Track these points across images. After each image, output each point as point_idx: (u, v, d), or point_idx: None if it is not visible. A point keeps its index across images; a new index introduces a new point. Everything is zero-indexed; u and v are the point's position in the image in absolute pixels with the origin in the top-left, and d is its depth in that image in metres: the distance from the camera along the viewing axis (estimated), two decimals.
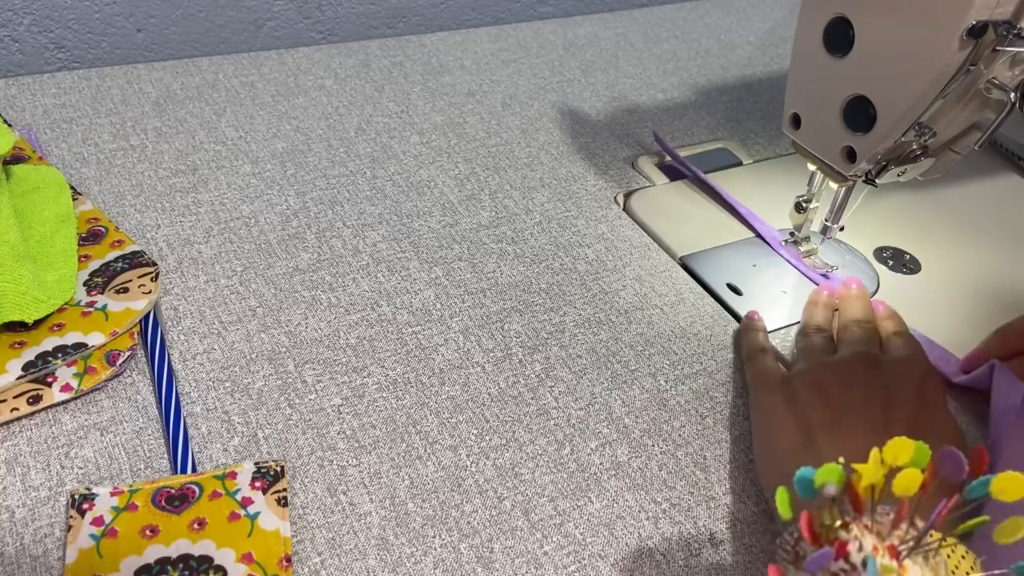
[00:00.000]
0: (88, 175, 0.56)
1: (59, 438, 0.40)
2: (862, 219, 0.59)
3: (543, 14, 0.87)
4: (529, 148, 0.64)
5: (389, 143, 0.63)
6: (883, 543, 0.29)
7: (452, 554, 0.38)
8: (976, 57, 0.41)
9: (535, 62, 0.75)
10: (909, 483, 0.28)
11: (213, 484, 0.38)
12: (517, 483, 0.41)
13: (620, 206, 0.60)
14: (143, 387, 0.43)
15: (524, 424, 0.44)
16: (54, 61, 0.69)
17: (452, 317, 0.49)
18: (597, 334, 0.49)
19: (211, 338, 0.46)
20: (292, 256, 0.52)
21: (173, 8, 0.70)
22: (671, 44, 0.81)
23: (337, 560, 0.37)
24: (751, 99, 0.74)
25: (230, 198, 0.56)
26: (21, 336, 0.42)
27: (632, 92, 0.72)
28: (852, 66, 0.45)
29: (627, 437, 0.44)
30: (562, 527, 0.39)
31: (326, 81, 0.68)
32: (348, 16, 0.78)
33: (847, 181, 0.49)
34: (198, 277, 0.50)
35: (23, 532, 0.36)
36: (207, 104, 0.64)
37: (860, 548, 0.29)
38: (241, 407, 0.43)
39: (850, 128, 0.46)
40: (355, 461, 0.41)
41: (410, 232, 0.55)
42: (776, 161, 0.66)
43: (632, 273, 0.54)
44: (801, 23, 0.47)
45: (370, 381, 0.45)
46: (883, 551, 0.29)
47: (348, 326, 0.48)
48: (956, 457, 0.28)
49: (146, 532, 0.36)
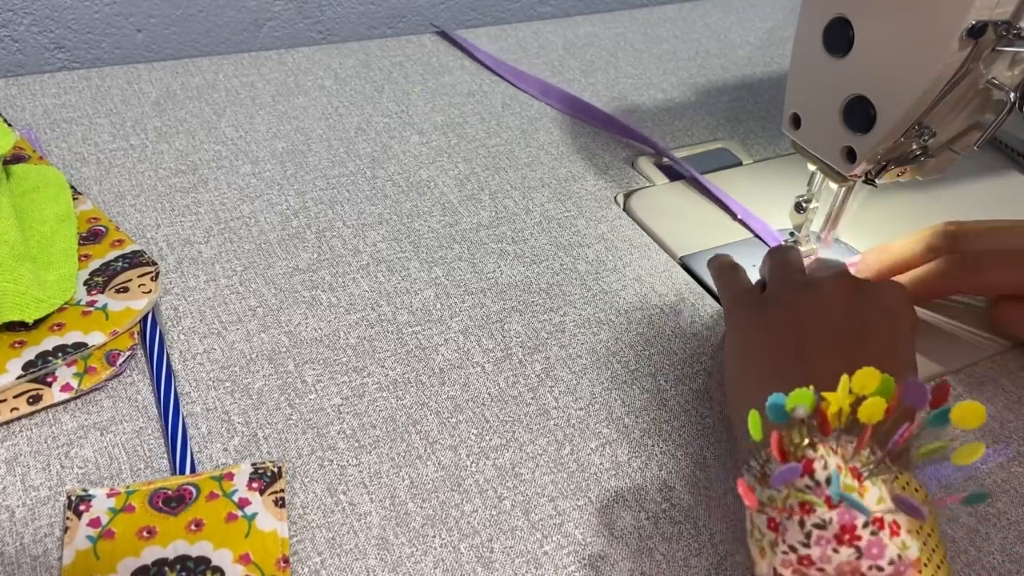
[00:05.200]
0: (88, 175, 0.56)
1: (59, 438, 0.40)
2: (862, 219, 0.59)
3: (543, 14, 0.87)
4: (529, 148, 0.64)
5: (389, 143, 0.63)
6: (846, 465, 0.31)
7: (452, 554, 0.38)
8: (976, 57, 0.40)
9: (535, 62, 0.75)
10: (873, 411, 0.30)
11: (210, 485, 0.38)
12: (517, 483, 0.41)
13: (620, 206, 0.60)
14: (143, 387, 0.43)
15: (524, 424, 0.44)
16: (54, 61, 0.69)
17: (452, 317, 0.49)
18: (597, 334, 0.49)
19: (211, 338, 0.46)
20: (292, 256, 0.52)
21: (173, 8, 0.70)
22: (671, 44, 0.81)
23: (337, 560, 0.37)
24: (751, 99, 0.73)
25: (230, 198, 0.56)
26: (21, 336, 0.42)
27: (632, 92, 0.72)
28: (852, 66, 0.45)
29: (627, 437, 0.44)
30: (562, 527, 0.39)
31: (326, 81, 0.68)
32: (348, 16, 0.78)
33: (847, 181, 0.49)
34: (198, 277, 0.50)
35: (23, 532, 0.36)
36: (207, 104, 0.64)
37: (825, 466, 0.31)
38: (241, 407, 0.43)
39: (850, 128, 0.46)
40: (355, 461, 0.41)
41: (410, 232, 0.55)
42: (776, 161, 0.66)
43: (632, 273, 0.54)
44: (801, 23, 0.47)
45: (370, 381, 0.45)
46: (846, 471, 0.31)
47: (348, 326, 0.48)
48: (920, 388, 0.29)
49: (143, 533, 0.36)
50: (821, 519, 0.30)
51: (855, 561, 0.30)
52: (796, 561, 0.31)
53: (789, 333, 0.40)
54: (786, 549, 0.31)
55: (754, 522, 0.33)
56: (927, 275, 0.48)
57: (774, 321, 0.41)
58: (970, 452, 0.29)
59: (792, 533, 0.31)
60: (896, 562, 0.30)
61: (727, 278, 0.47)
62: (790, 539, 0.31)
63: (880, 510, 0.30)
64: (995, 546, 0.41)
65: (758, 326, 0.41)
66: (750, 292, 0.45)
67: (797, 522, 0.31)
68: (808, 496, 0.30)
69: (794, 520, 0.31)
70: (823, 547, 0.30)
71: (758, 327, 0.41)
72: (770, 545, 0.32)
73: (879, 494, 0.31)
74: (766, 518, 0.32)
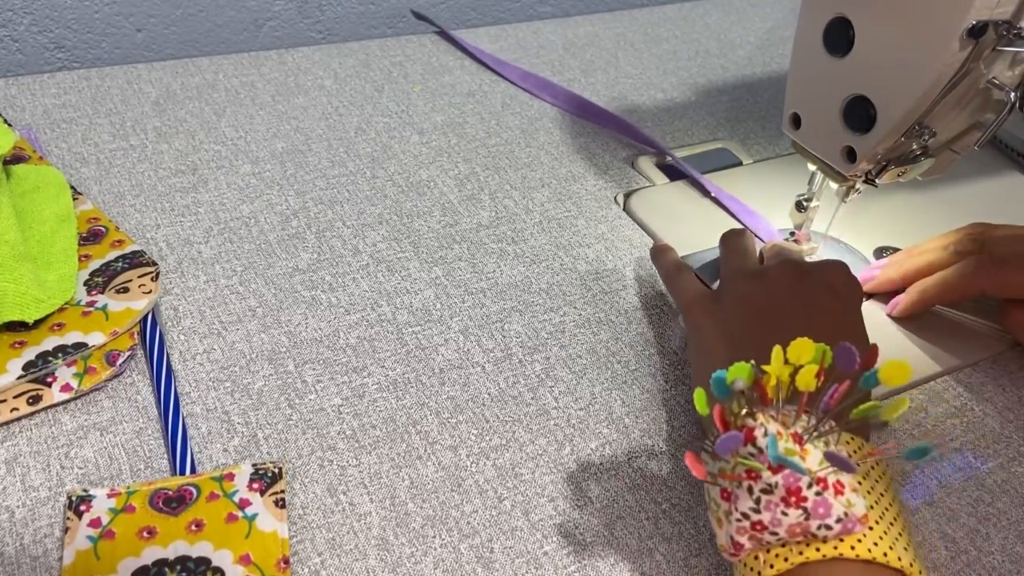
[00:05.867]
0: (88, 175, 0.55)
1: (59, 438, 0.40)
2: (862, 219, 0.59)
3: (543, 14, 0.87)
4: (529, 148, 0.64)
5: (389, 143, 0.63)
6: (787, 431, 0.32)
7: (452, 554, 0.38)
8: (976, 57, 0.40)
9: (535, 62, 0.75)
10: (808, 378, 0.32)
11: (211, 486, 0.38)
12: (517, 483, 0.41)
13: (620, 206, 0.60)
14: (143, 387, 0.43)
15: (524, 424, 0.44)
16: (54, 61, 0.69)
17: (452, 317, 0.49)
18: (597, 334, 0.49)
19: (211, 338, 0.46)
20: (292, 256, 0.52)
21: (173, 8, 0.70)
22: (671, 44, 0.81)
23: (337, 560, 0.37)
24: (751, 99, 0.73)
25: (230, 198, 0.55)
26: (21, 336, 0.42)
27: (632, 92, 0.72)
28: (852, 66, 0.45)
29: (627, 437, 0.44)
30: (562, 527, 0.39)
31: (326, 81, 0.68)
32: (348, 16, 0.78)
33: (847, 181, 0.49)
34: (198, 277, 0.49)
35: (23, 532, 0.36)
36: (207, 104, 0.64)
37: (765, 434, 0.32)
38: (241, 407, 0.43)
39: (850, 128, 0.46)
40: (355, 461, 0.41)
41: (410, 232, 0.55)
42: (776, 161, 0.66)
43: (632, 273, 0.54)
44: (801, 23, 0.47)
45: (370, 381, 0.45)
46: (787, 437, 0.32)
47: (348, 326, 0.48)
48: (850, 351, 0.31)
49: (143, 534, 0.36)
50: (767, 483, 0.32)
51: (804, 522, 0.31)
52: (750, 527, 0.32)
53: (742, 322, 0.42)
54: (739, 516, 0.33)
55: (710, 495, 0.35)
56: (953, 276, 0.49)
57: (728, 313, 0.43)
58: (895, 406, 0.31)
59: (743, 501, 0.32)
60: (843, 519, 0.31)
61: (676, 283, 0.48)
62: (741, 506, 0.32)
63: (823, 471, 0.32)
64: (995, 546, 0.41)
65: (715, 322, 0.43)
66: (702, 293, 0.46)
67: (746, 488, 0.32)
68: (752, 463, 0.32)
69: (743, 487, 0.32)
70: (772, 511, 0.32)
71: (715, 323, 0.43)
72: (725, 515, 0.33)
73: (820, 456, 0.32)
74: (719, 489, 0.34)
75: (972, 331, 0.52)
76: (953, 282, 0.49)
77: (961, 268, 0.49)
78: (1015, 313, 0.49)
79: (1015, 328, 0.50)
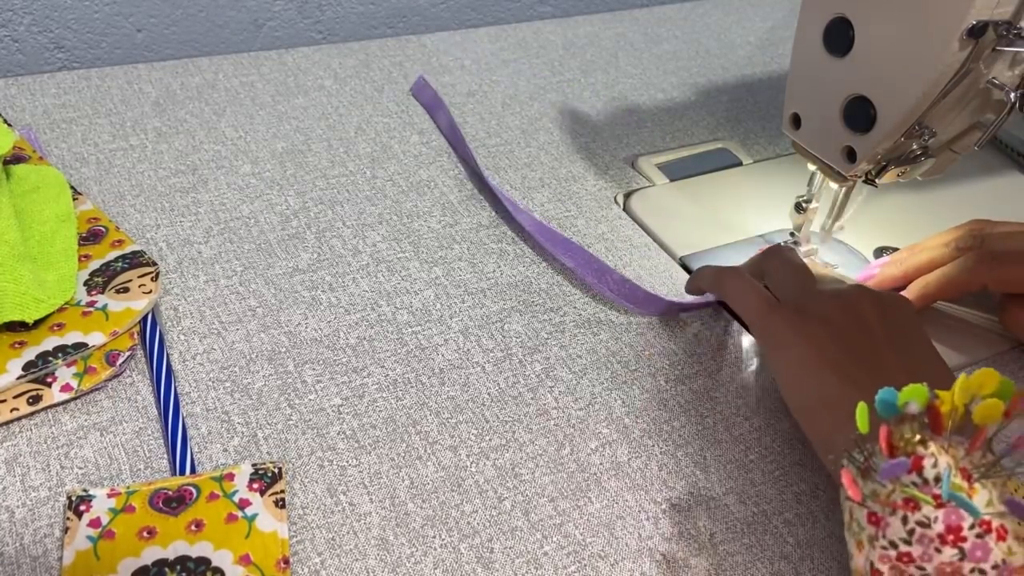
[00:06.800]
0: (88, 175, 0.55)
1: (59, 438, 0.40)
2: (862, 219, 0.59)
3: (543, 14, 0.87)
4: (529, 148, 0.64)
5: (389, 143, 0.63)
6: (957, 465, 0.30)
7: (452, 554, 0.38)
8: (976, 57, 0.40)
9: (535, 62, 0.75)
10: (990, 412, 0.30)
11: (211, 486, 0.38)
12: (517, 483, 0.41)
13: (620, 206, 0.60)
14: (143, 387, 0.43)
15: (524, 424, 0.44)
16: (54, 61, 0.69)
17: (452, 317, 0.49)
18: (597, 334, 0.49)
19: (211, 338, 0.46)
20: (292, 256, 0.52)
21: (173, 8, 0.70)
22: (671, 44, 0.81)
23: (337, 560, 0.37)
24: (751, 99, 0.73)
25: (230, 198, 0.55)
26: (21, 336, 0.42)
27: (632, 92, 0.72)
28: (852, 66, 0.45)
29: (627, 437, 0.44)
30: (562, 527, 0.39)
31: (326, 81, 0.68)
32: (348, 16, 0.78)
33: (847, 181, 0.49)
34: (198, 277, 0.50)
35: (23, 532, 0.36)
36: (207, 104, 0.64)
37: (935, 464, 0.30)
38: (241, 407, 0.43)
39: (850, 128, 0.46)
40: (355, 461, 0.41)
41: (410, 232, 0.55)
42: (776, 161, 0.66)
43: (632, 273, 0.54)
44: (801, 23, 0.47)
45: (370, 381, 0.45)
46: (956, 471, 0.30)
47: (348, 326, 0.48)
48: None
49: (143, 534, 0.36)
50: (926, 517, 0.30)
51: (957, 562, 0.29)
52: (895, 557, 0.30)
53: (836, 345, 0.40)
54: (886, 544, 0.31)
55: (853, 515, 0.32)
56: (953, 272, 0.49)
57: (818, 333, 0.41)
58: None
59: (894, 529, 0.30)
60: (1000, 567, 0.29)
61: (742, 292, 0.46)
62: (891, 535, 0.30)
63: (988, 513, 0.30)
64: None
65: (807, 340, 0.41)
66: (774, 304, 0.44)
67: (900, 518, 0.30)
68: (916, 492, 0.30)
69: (897, 516, 0.30)
70: (925, 545, 0.30)
71: (807, 342, 0.41)
72: (868, 539, 0.31)
73: (988, 497, 0.30)
74: (866, 512, 0.31)
75: (974, 329, 0.52)
76: (954, 277, 0.49)
77: (961, 264, 0.49)
78: (1014, 310, 0.50)
79: (1013, 325, 0.50)
